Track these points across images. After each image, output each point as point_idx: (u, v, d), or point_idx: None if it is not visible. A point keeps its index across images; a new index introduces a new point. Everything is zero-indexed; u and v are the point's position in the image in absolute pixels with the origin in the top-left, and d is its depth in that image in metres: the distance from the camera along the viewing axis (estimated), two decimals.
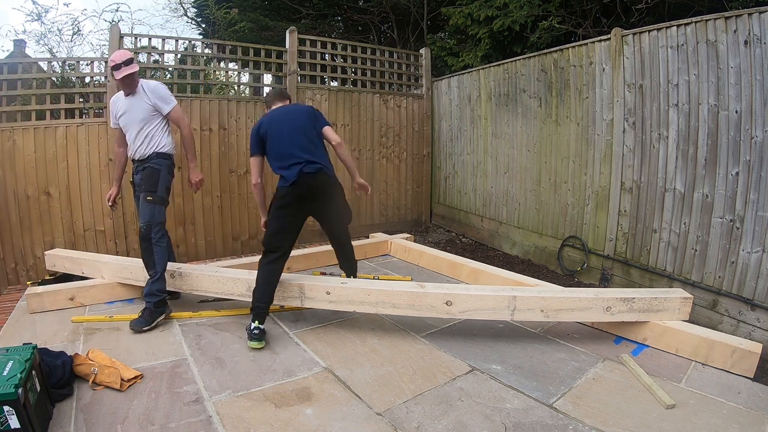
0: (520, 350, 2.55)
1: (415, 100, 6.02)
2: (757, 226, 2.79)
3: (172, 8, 11.15)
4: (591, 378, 2.25)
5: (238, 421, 1.87)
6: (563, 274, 4.22)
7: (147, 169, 2.92)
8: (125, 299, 3.20)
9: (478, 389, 2.15)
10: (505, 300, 2.55)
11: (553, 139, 4.38)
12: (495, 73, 5.06)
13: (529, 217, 4.78)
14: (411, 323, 2.86)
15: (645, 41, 3.44)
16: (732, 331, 2.87)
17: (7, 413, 1.57)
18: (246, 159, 4.78)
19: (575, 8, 4.92)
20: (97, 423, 1.85)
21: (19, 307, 3.08)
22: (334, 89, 5.45)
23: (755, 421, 1.89)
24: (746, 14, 2.77)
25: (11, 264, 3.94)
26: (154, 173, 2.90)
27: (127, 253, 4.27)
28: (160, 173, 2.91)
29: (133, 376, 2.15)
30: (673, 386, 2.15)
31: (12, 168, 3.85)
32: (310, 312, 3.02)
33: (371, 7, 7.61)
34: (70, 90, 4.20)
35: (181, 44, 4.92)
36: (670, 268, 3.37)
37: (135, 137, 2.94)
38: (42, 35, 5.00)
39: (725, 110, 2.93)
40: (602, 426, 1.85)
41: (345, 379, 2.23)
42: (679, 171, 3.25)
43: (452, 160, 5.95)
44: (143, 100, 2.91)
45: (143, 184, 2.90)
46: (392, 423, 1.88)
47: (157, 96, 2.92)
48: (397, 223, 5.94)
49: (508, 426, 1.86)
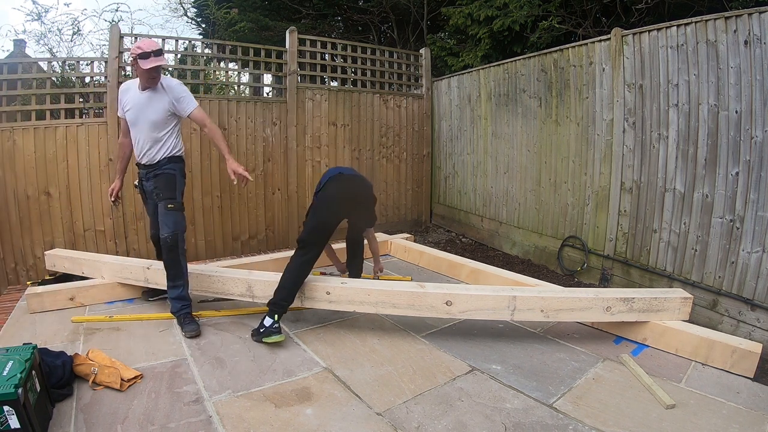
0: (520, 350, 2.55)
1: (415, 100, 6.02)
2: (757, 226, 2.79)
3: (172, 8, 11.14)
4: (591, 378, 2.25)
5: (238, 421, 1.87)
6: (563, 274, 4.22)
7: (162, 176, 2.73)
8: (125, 299, 3.20)
9: (478, 389, 2.15)
10: (505, 300, 2.55)
11: (553, 139, 4.38)
12: (495, 73, 5.06)
13: (529, 217, 4.78)
14: (411, 323, 2.86)
15: (645, 41, 3.44)
16: (732, 331, 2.87)
17: (7, 413, 1.57)
18: (246, 159, 4.80)
19: (575, 8, 4.92)
20: (97, 423, 1.85)
21: (19, 307, 3.08)
22: (334, 89, 5.44)
23: (755, 421, 1.89)
24: (746, 14, 2.77)
25: (11, 264, 3.94)
26: (170, 179, 2.73)
27: (127, 253, 4.28)
28: (176, 179, 2.76)
29: (133, 376, 2.15)
30: (673, 386, 2.15)
31: (12, 168, 3.85)
32: (310, 312, 3.02)
33: (371, 7, 7.61)
34: (70, 90, 4.20)
35: (181, 44, 4.92)
36: (670, 268, 3.37)
37: (144, 139, 2.71)
38: (42, 35, 5.00)
39: (725, 110, 2.93)
40: (602, 426, 1.85)
41: (345, 379, 2.23)
42: (679, 171, 3.25)
43: (452, 160, 5.95)
44: (162, 100, 2.67)
45: (160, 192, 2.72)
46: (392, 423, 1.88)
47: (176, 96, 2.68)
48: (397, 223, 5.94)
49: (508, 426, 1.86)
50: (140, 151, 2.76)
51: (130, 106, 2.72)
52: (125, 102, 2.75)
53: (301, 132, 5.15)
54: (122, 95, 2.79)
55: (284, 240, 5.14)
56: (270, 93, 8.23)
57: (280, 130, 5.03)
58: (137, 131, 2.74)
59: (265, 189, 4.99)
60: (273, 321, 2.54)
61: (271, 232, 5.10)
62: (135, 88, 2.72)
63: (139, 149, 2.76)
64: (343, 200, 2.87)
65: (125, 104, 2.75)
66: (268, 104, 5.00)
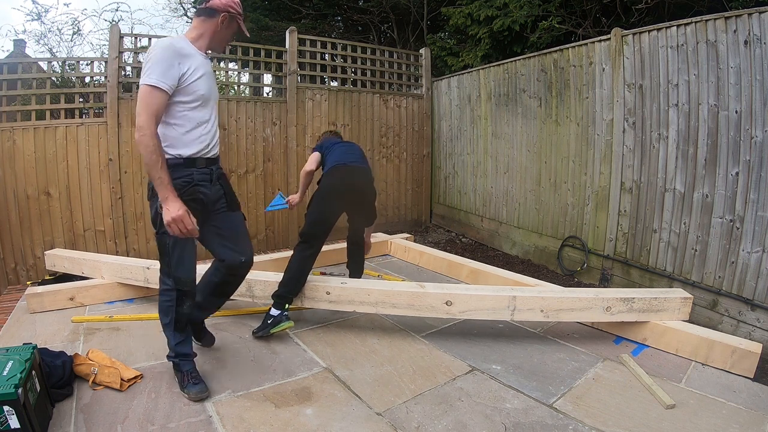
0: (520, 350, 2.56)
1: (415, 100, 6.02)
2: (757, 226, 2.79)
3: (172, 8, 11.16)
4: (591, 378, 2.25)
5: (238, 421, 1.87)
6: (563, 274, 4.22)
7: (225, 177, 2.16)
8: (125, 299, 3.20)
9: (478, 389, 2.15)
10: (505, 300, 2.55)
11: (553, 139, 4.38)
12: (495, 73, 5.06)
13: (529, 217, 4.78)
14: (411, 323, 2.86)
15: (645, 41, 3.44)
16: (732, 331, 2.87)
17: (7, 413, 1.57)
18: (246, 159, 4.80)
19: (575, 8, 4.92)
20: (97, 423, 1.85)
21: (19, 307, 3.08)
22: (334, 89, 5.44)
23: (755, 421, 1.89)
24: (746, 14, 2.77)
25: (11, 264, 3.94)
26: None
27: (126, 253, 4.28)
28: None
29: (133, 376, 2.15)
30: (673, 386, 2.15)
31: (12, 168, 3.85)
32: (310, 312, 3.02)
33: (371, 7, 7.61)
34: (70, 90, 4.19)
35: None
36: (670, 268, 3.37)
37: (214, 122, 2.03)
38: (42, 35, 5.01)
39: (725, 110, 2.93)
40: (602, 426, 1.85)
41: (345, 379, 2.23)
42: (679, 171, 3.25)
43: (452, 160, 5.95)
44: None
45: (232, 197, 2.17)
46: (392, 423, 1.88)
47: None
48: (396, 223, 5.94)
49: (508, 426, 1.86)
50: (212, 140, 2.01)
51: (202, 72, 1.91)
52: (192, 66, 1.87)
53: (301, 132, 5.15)
54: (178, 56, 1.83)
55: (284, 240, 5.14)
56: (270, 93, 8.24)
57: (280, 130, 5.03)
58: (209, 110, 2.00)
59: (265, 189, 4.99)
60: (281, 311, 2.58)
61: (271, 232, 5.10)
62: (194, 49, 1.93)
63: (212, 136, 2.01)
64: (348, 192, 2.86)
65: (193, 69, 1.87)
66: (268, 104, 5.00)
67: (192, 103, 1.90)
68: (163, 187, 1.77)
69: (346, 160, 2.94)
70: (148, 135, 1.74)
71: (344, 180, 2.86)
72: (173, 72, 1.81)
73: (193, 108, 1.91)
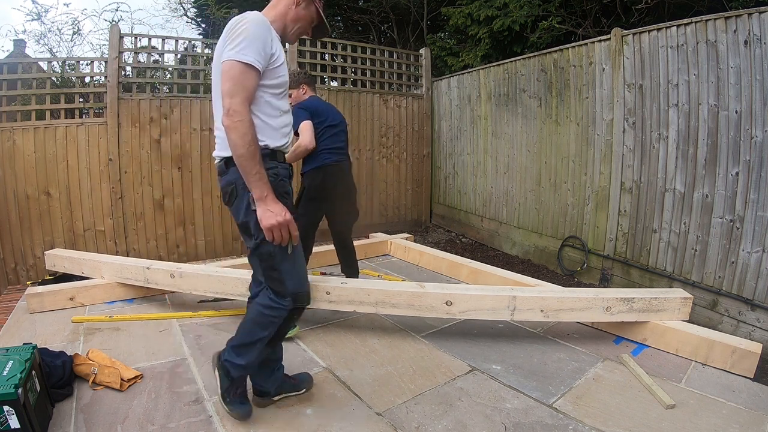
0: (520, 350, 2.56)
1: (415, 100, 6.02)
2: (757, 226, 2.79)
3: (172, 8, 11.13)
4: (591, 378, 2.25)
5: (238, 421, 1.87)
6: (563, 274, 4.22)
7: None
8: (125, 299, 3.20)
9: (478, 389, 2.15)
10: (505, 300, 2.55)
11: (553, 139, 4.38)
12: (495, 73, 5.06)
13: (529, 217, 4.78)
14: (411, 323, 2.86)
15: (645, 41, 3.44)
16: (732, 331, 2.87)
17: (7, 413, 1.57)
18: None
19: (575, 8, 4.92)
20: (97, 423, 1.85)
21: (19, 307, 3.08)
22: (334, 89, 5.45)
23: (755, 421, 1.89)
24: (746, 14, 2.77)
25: (11, 264, 3.94)
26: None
27: (126, 253, 4.28)
28: None
29: (133, 376, 2.15)
30: (673, 386, 2.15)
31: (12, 168, 3.85)
32: (310, 312, 3.02)
33: (371, 7, 7.61)
34: (70, 90, 4.19)
35: (181, 44, 4.91)
36: (670, 268, 3.37)
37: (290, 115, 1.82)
38: (42, 35, 4.99)
39: (725, 110, 2.93)
40: (602, 426, 1.85)
41: (345, 379, 2.23)
42: (679, 171, 3.25)
43: (452, 160, 5.95)
44: None
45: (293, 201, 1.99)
46: (392, 423, 1.88)
47: None
48: (397, 223, 5.94)
49: (508, 426, 1.86)
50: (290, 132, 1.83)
51: (283, 57, 1.69)
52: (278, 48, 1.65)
53: None
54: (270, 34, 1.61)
55: None
56: None
57: None
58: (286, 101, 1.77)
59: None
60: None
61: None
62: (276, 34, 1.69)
63: (290, 129, 1.80)
64: (337, 195, 2.95)
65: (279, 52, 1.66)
66: None
67: (277, 89, 1.66)
68: (263, 183, 1.51)
69: (335, 158, 2.95)
70: (246, 121, 1.49)
71: (336, 185, 2.94)
72: (267, 51, 1.57)
73: (277, 95, 1.68)
